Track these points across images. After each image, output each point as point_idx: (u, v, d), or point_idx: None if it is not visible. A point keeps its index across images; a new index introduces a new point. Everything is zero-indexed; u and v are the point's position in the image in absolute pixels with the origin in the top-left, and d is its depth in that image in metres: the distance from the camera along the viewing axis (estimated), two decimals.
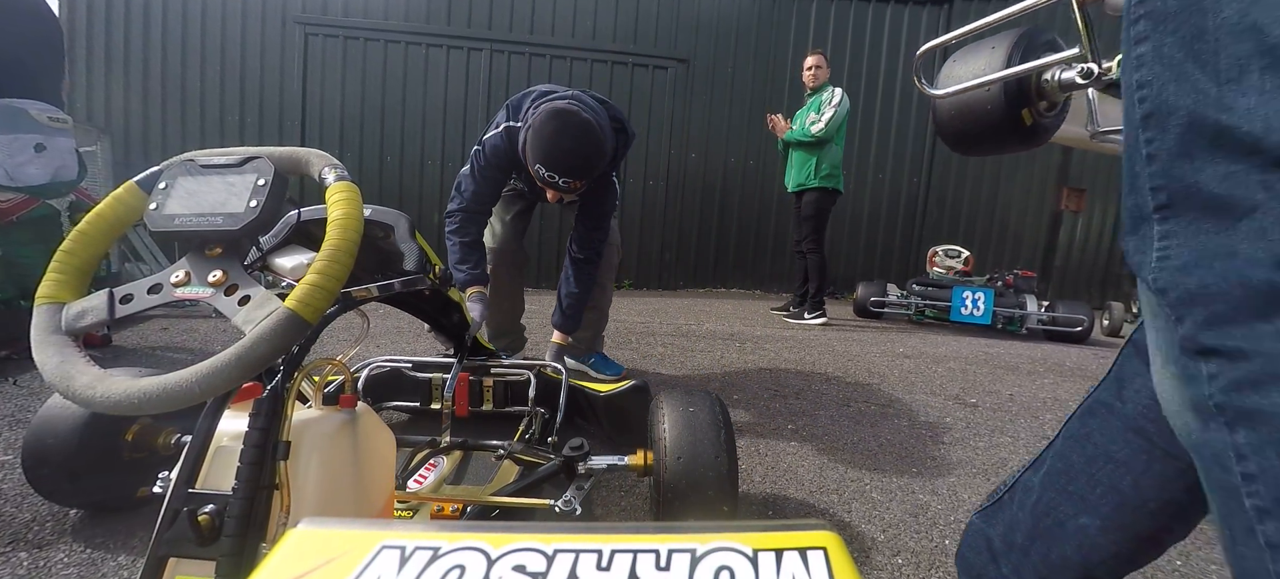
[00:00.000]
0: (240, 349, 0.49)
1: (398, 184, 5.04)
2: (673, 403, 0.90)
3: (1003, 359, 2.85)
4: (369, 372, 1.30)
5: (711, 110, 5.38)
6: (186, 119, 4.83)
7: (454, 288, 0.99)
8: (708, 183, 5.45)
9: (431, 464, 1.09)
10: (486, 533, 0.36)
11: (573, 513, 0.83)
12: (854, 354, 2.74)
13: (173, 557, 0.53)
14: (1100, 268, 6.25)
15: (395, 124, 5.01)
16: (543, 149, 1.35)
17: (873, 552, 0.97)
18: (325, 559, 0.34)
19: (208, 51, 4.79)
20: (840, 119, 3.46)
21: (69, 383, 0.50)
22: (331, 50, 4.92)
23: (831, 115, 3.42)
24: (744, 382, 2.07)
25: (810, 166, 3.53)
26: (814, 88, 3.59)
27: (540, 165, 1.36)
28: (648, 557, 0.33)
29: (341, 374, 0.75)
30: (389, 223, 0.83)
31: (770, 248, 5.61)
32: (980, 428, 1.68)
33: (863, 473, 1.30)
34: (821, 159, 3.52)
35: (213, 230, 0.56)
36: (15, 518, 0.92)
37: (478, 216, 1.63)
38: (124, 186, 0.60)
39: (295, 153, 0.62)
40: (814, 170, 3.53)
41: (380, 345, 2.31)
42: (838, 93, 3.49)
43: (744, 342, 2.88)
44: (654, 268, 5.42)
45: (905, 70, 5.55)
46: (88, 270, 0.59)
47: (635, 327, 3.15)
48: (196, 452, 0.56)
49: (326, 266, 0.54)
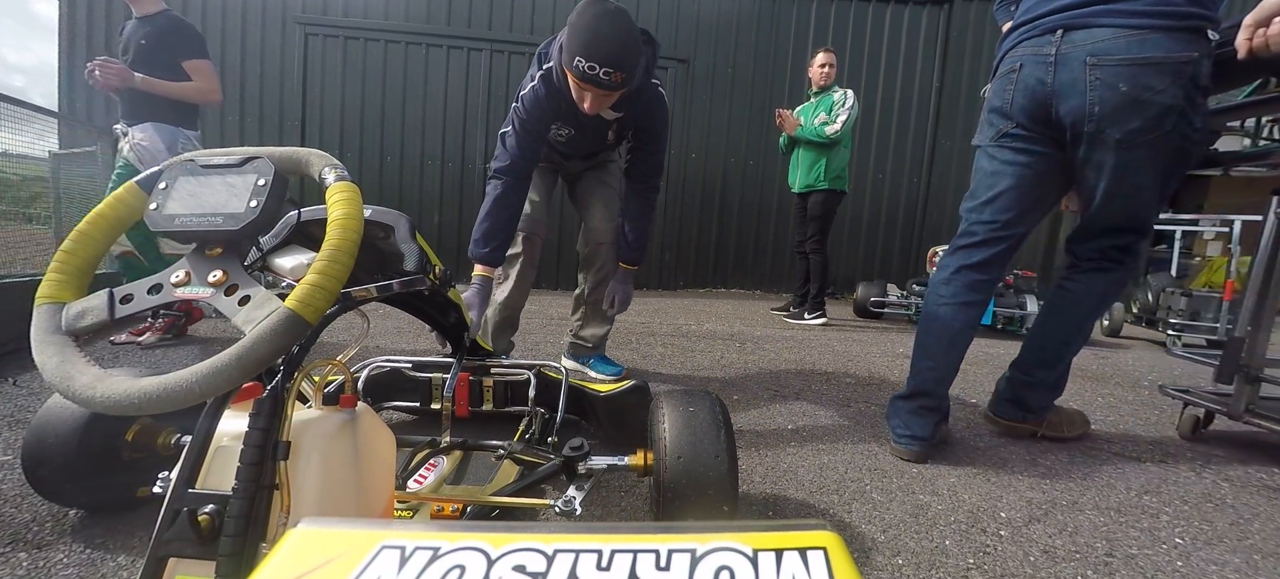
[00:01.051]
0: (240, 349, 0.49)
1: (398, 184, 5.04)
2: (673, 403, 0.90)
3: (1003, 360, 2.84)
4: (369, 372, 1.30)
5: (711, 110, 5.38)
6: None
7: (454, 289, 0.99)
8: (708, 183, 5.44)
9: (431, 464, 1.09)
10: (486, 533, 0.36)
11: (573, 513, 0.83)
12: (854, 354, 2.74)
13: (173, 557, 0.53)
14: None
15: (395, 124, 5.01)
16: (583, 38, 1.33)
17: (873, 552, 0.97)
18: (325, 559, 0.34)
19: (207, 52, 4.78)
20: (853, 121, 3.46)
21: (69, 383, 0.50)
22: (331, 50, 4.92)
23: (847, 117, 3.40)
24: (744, 382, 2.07)
25: (820, 168, 3.51)
26: (823, 87, 3.56)
27: (580, 57, 1.33)
28: (648, 557, 0.33)
29: (341, 374, 0.75)
30: (389, 223, 0.83)
31: (770, 248, 5.61)
32: (980, 428, 1.68)
33: (863, 473, 1.30)
34: (830, 160, 3.51)
35: (213, 230, 0.56)
36: (15, 518, 0.92)
37: (522, 179, 1.61)
38: (124, 186, 0.61)
39: (295, 153, 0.62)
40: (823, 171, 3.51)
41: (380, 345, 2.32)
42: (849, 94, 3.47)
43: (744, 342, 2.88)
44: (654, 268, 5.42)
45: (905, 70, 5.55)
46: (88, 270, 0.59)
47: (635, 327, 3.15)
48: (196, 452, 0.56)
49: (327, 267, 0.54)
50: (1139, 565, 0.98)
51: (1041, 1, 1.30)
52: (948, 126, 5.67)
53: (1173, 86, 1.17)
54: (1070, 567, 0.96)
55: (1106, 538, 1.07)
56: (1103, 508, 1.19)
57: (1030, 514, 1.14)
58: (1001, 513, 1.14)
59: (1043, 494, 1.24)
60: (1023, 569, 0.94)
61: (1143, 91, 1.18)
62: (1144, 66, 1.18)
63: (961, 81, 5.63)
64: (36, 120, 3.46)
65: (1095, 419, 1.85)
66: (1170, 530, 1.11)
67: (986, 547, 1.01)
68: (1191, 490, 1.31)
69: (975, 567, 0.95)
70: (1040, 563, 0.97)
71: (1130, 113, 1.20)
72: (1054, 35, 1.26)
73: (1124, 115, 1.21)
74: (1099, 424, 1.80)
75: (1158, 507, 1.22)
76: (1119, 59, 1.19)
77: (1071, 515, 1.15)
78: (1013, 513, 1.14)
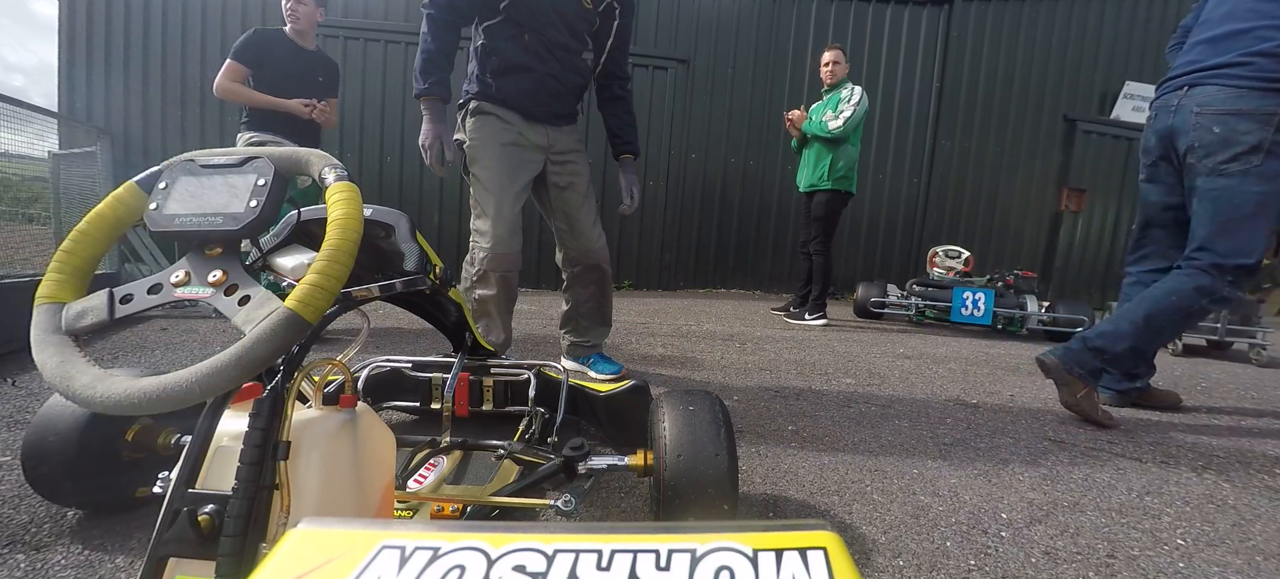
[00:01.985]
0: (241, 349, 0.49)
1: (398, 184, 5.04)
2: (673, 403, 0.90)
3: (1003, 360, 2.85)
4: (369, 372, 1.30)
5: (712, 110, 5.38)
6: (186, 119, 4.82)
7: (455, 288, 0.99)
8: (708, 183, 5.44)
9: (431, 464, 1.09)
10: (486, 533, 0.36)
11: (573, 513, 0.83)
12: (854, 354, 2.73)
13: (173, 557, 0.53)
14: (1101, 268, 6.25)
15: (395, 124, 5.01)
16: None
17: (874, 554, 0.97)
18: (325, 559, 0.34)
19: (208, 51, 4.79)
20: (859, 118, 3.39)
21: (69, 383, 0.50)
22: (331, 50, 4.91)
23: (851, 113, 3.35)
24: (744, 382, 2.07)
25: (824, 166, 3.48)
26: (832, 84, 3.53)
27: None
28: (648, 557, 0.33)
29: (341, 374, 0.75)
30: (389, 223, 0.83)
31: (770, 248, 5.61)
32: (981, 429, 1.68)
33: (864, 474, 1.30)
34: (837, 158, 3.45)
35: (213, 230, 0.56)
36: (12, 520, 0.92)
37: (459, 14, 1.56)
38: (124, 186, 0.60)
39: (295, 153, 0.62)
40: (828, 170, 3.47)
41: (381, 345, 2.31)
42: (857, 90, 3.41)
43: (744, 342, 2.88)
44: (654, 268, 5.42)
45: (906, 70, 5.55)
46: (88, 270, 0.59)
47: (635, 327, 3.14)
48: (196, 452, 0.56)
49: (327, 266, 0.53)
50: (1141, 567, 0.98)
51: (1185, 62, 1.75)
52: (948, 127, 5.67)
53: (1258, 130, 1.57)
54: (1072, 568, 0.96)
55: (1108, 539, 1.06)
56: (1104, 509, 1.19)
57: (1031, 515, 1.14)
58: (1003, 514, 1.14)
59: (1044, 495, 1.24)
60: (1024, 572, 0.94)
61: (1231, 133, 1.61)
62: (1235, 115, 1.61)
63: (962, 82, 5.63)
64: (36, 120, 3.46)
65: None
66: (1172, 532, 1.11)
67: (988, 548, 1.01)
68: (1193, 491, 1.31)
69: (976, 568, 0.94)
70: (1042, 565, 0.96)
71: (1221, 148, 1.63)
72: (1181, 91, 1.74)
73: (1216, 150, 1.64)
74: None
75: (1159, 508, 1.21)
76: (1217, 109, 1.64)
77: (1073, 516, 1.15)
78: (1014, 514, 1.14)
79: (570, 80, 1.73)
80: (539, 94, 1.67)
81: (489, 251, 1.63)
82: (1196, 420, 1.93)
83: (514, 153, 1.66)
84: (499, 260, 1.64)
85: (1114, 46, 5.92)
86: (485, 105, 1.66)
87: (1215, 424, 1.90)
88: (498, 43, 1.63)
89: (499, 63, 1.63)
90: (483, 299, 1.71)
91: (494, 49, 1.63)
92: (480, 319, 1.74)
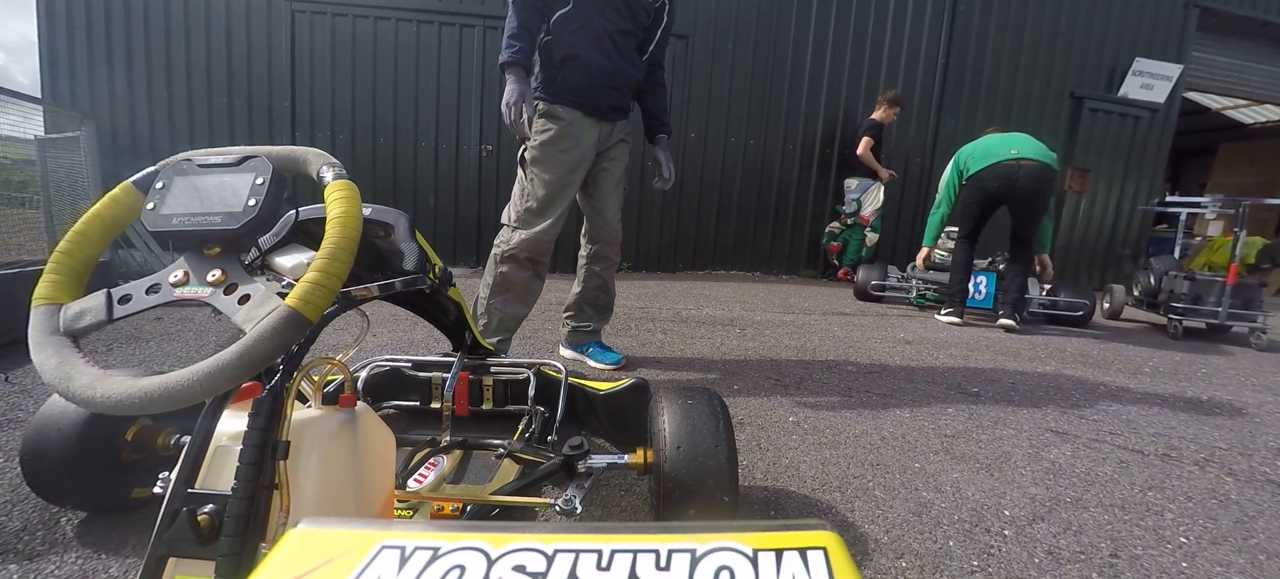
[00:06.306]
0: (241, 348, 0.49)
1: (391, 165, 4.96)
2: (672, 400, 0.89)
3: (1005, 344, 2.84)
4: (369, 371, 1.28)
5: (712, 89, 5.27)
6: (174, 102, 4.71)
7: (454, 287, 0.96)
8: (708, 163, 5.37)
9: (431, 463, 1.09)
10: (486, 533, 0.36)
11: (573, 512, 0.82)
12: (855, 340, 2.73)
13: (172, 557, 0.53)
14: (1102, 250, 6.23)
15: (387, 104, 4.90)
16: None
17: (877, 554, 0.97)
18: (325, 559, 0.34)
19: (193, 31, 4.66)
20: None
21: (69, 383, 0.50)
22: (320, 28, 4.78)
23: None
24: (744, 370, 2.06)
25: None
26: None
27: None
28: (648, 557, 0.33)
29: (341, 374, 0.74)
30: (388, 222, 0.82)
31: (770, 229, 5.57)
32: (983, 419, 1.67)
33: (865, 468, 1.29)
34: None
35: (211, 230, 0.56)
36: (5, 527, 0.90)
37: (533, 5, 1.64)
38: (120, 186, 0.60)
39: (293, 151, 0.62)
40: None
41: (380, 345, 2.30)
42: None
43: (744, 327, 2.87)
44: (653, 250, 5.38)
45: (910, 48, 5.43)
46: (85, 271, 0.58)
47: (634, 312, 3.13)
48: (196, 452, 0.56)
49: (327, 265, 0.53)
50: (1144, 567, 0.97)
51: None
52: (952, 106, 5.58)
53: None
54: (1076, 569, 0.95)
55: (1111, 537, 1.06)
56: (1107, 505, 1.19)
57: (1034, 512, 1.14)
58: (1005, 511, 1.14)
59: (1046, 490, 1.24)
60: (1028, 573, 0.94)
61: None
62: None
63: (967, 60, 5.52)
64: (21, 102, 3.38)
65: (1098, 410, 1.85)
66: (1175, 529, 1.11)
67: (991, 548, 1.00)
68: (1195, 486, 1.31)
69: (980, 569, 0.94)
70: (1045, 565, 0.96)
71: None
72: None
73: None
74: (1101, 415, 1.80)
75: (1162, 504, 1.21)
76: None
77: (1075, 513, 1.14)
78: (1017, 511, 1.14)
79: (628, 74, 1.82)
80: (601, 86, 1.75)
81: (531, 238, 1.74)
82: (1198, 409, 1.93)
83: (575, 161, 1.76)
84: (540, 247, 1.76)
85: (1124, 21, 5.79)
86: (553, 108, 1.72)
87: (1217, 413, 1.90)
88: (562, 34, 1.69)
89: (564, 53, 1.69)
90: (509, 275, 1.77)
91: (559, 40, 1.69)
92: (501, 293, 1.79)
